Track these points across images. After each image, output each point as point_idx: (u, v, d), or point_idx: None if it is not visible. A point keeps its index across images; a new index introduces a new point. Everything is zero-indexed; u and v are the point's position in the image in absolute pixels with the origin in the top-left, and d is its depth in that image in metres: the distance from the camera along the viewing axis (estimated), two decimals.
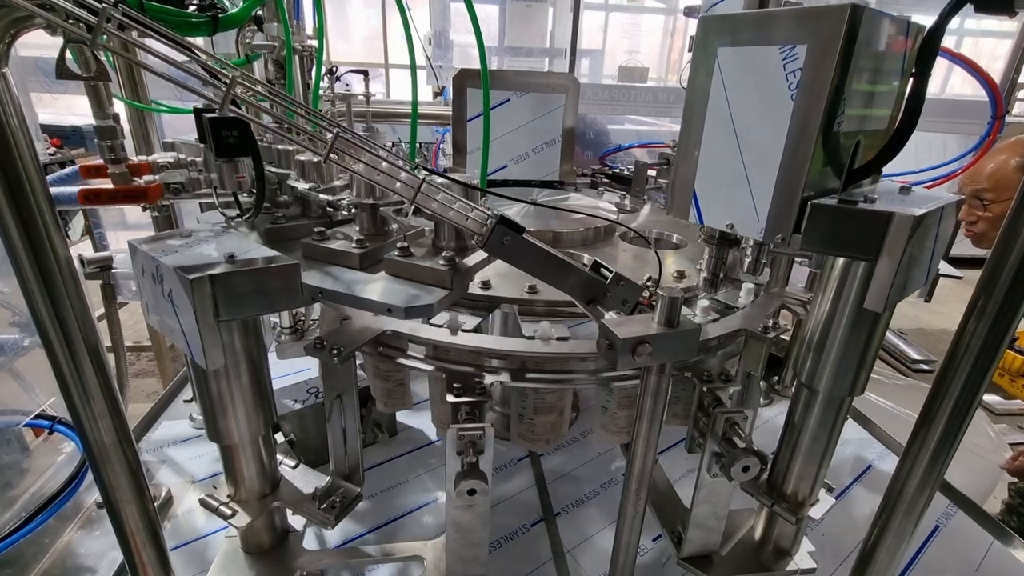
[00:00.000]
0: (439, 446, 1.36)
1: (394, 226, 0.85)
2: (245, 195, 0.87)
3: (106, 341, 0.91)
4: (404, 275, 0.74)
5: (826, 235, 0.64)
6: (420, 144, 2.23)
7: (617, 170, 1.89)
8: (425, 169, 0.65)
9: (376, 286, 0.71)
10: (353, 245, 0.76)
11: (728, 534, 0.94)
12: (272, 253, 0.66)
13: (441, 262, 0.71)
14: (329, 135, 0.59)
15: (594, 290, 0.75)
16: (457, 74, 1.51)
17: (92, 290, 1.13)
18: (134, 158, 0.94)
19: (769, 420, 1.52)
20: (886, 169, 0.74)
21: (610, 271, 0.76)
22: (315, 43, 1.00)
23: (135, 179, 0.93)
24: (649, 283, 0.81)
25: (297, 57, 1.12)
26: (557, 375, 0.84)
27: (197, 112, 0.79)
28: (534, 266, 0.71)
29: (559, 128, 1.61)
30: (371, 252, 0.77)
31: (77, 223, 3.61)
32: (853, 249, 0.64)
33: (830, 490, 0.93)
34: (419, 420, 1.47)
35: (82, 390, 0.64)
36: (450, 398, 0.77)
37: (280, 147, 0.93)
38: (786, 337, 1.83)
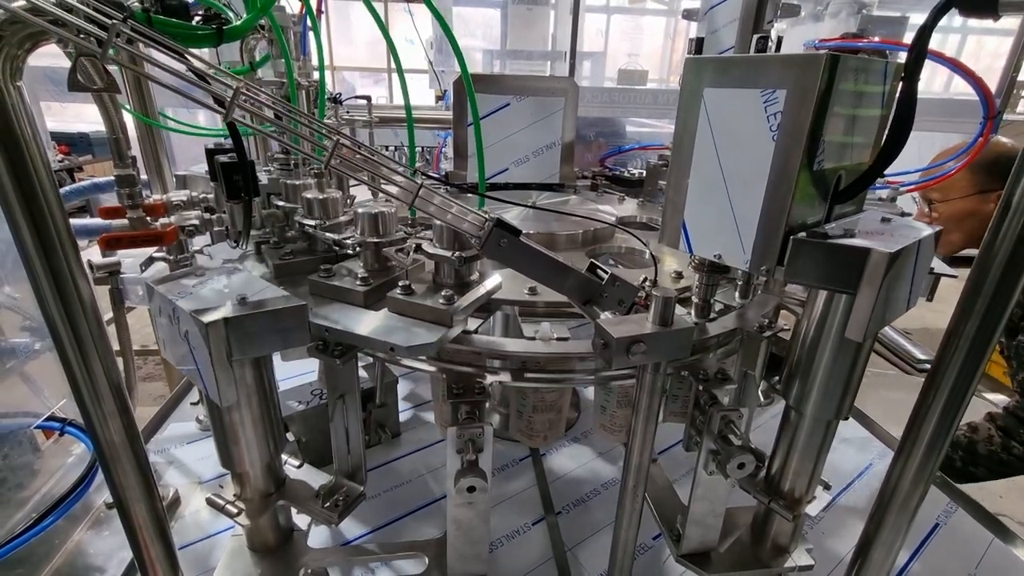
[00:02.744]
0: (442, 447, 1.38)
1: (395, 263, 0.87)
2: (255, 231, 0.91)
3: (114, 345, 0.94)
4: (406, 313, 0.76)
5: (808, 269, 0.66)
6: (423, 148, 2.25)
7: (617, 172, 1.91)
8: (424, 175, 0.67)
9: (380, 324, 0.74)
10: (358, 283, 0.79)
11: (726, 531, 0.95)
12: (281, 294, 0.69)
13: (441, 301, 0.74)
14: (330, 143, 0.61)
15: (590, 291, 0.76)
16: (457, 79, 1.53)
17: (100, 294, 1.16)
18: (149, 197, 0.97)
19: (770, 419, 1.52)
20: None
21: (606, 272, 0.77)
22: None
23: (150, 220, 0.96)
24: (645, 283, 0.82)
25: (303, 92, 1.15)
26: (556, 375, 0.85)
27: (209, 153, 0.83)
28: (531, 268, 0.73)
29: (559, 131, 1.63)
30: (375, 290, 0.80)
31: None
32: (833, 282, 0.66)
33: (827, 487, 0.94)
34: (422, 421, 1.49)
35: (93, 392, 0.66)
36: (450, 399, 0.79)
37: (289, 181, 0.95)
38: (785, 337, 1.84)
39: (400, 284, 0.76)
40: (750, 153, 0.68)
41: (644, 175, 1.75)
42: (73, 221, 0.65)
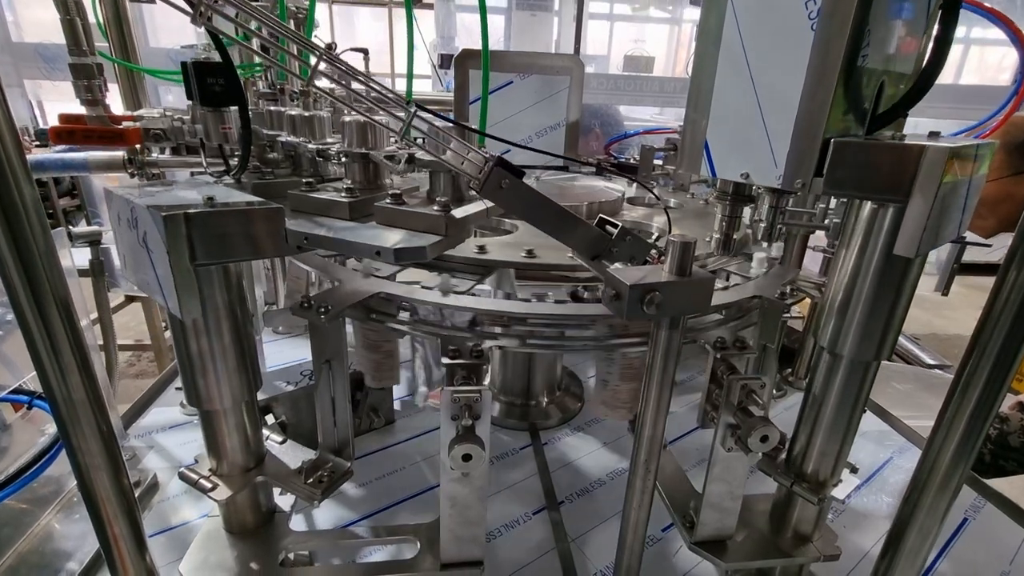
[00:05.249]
0: (438, 434, 1.31)
1: (387, 181, 0.81)
2: (231, 148, 0.83)
3: (98, 330, 0.86)
4: (397, 223, 0.69)
5: (851, 176, 0.59)
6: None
7: (623, 159, 1.86)
8: (419, 106, 0.61)
9: (366, 233, 0.67)
10: (343, 195, 0.72)
11: (744, 520, 0.88)
12: (255, 198, 0.62)
13: (435, 208, 0.67)
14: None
15: (599, 245, 0.70)
16: (459, 54, 1.48)
17: (85, 286, 1.10)
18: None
19: (781, 414, 1.45)
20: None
21: (616, 226, 0.71)
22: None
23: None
24: (659, 241, 0.76)
25: (292, 20, 1.09)
26: (558, 340, 0.78)
27: (184, 66, 0.76)
28: (534, 215, 0.66)
29: (563, 111, 1.58)
30: (362, 202, 0.72)
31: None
32: (881, 189, 0.60)
33: (854, 470, 0.86)
34: (417, 408, 1.42)
35: (48, 342, 0.59)
36: (445, 360, 0.72)
37: (272, 109, 0.90)
38: (797, 329, 1.78)
39: (390, 193, 0.70)
40: (785, 50, 0.61)
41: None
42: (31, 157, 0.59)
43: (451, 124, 0.65)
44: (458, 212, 0.67)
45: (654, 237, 0.78)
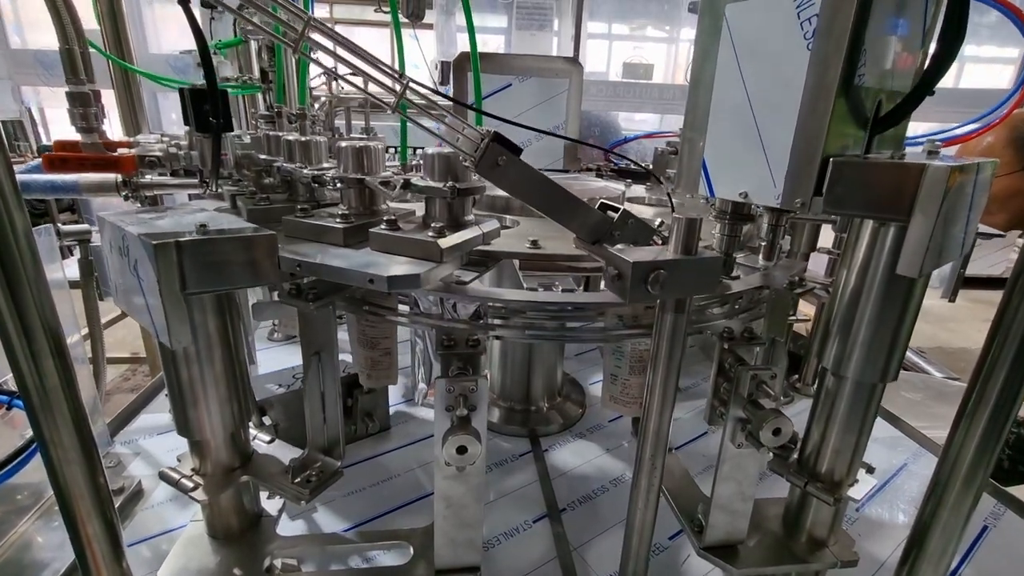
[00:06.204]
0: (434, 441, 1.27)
1: (383, 206, 0.80)
2: (228, 172, 0.83)
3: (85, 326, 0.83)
4: (391, 250, 0.67)
5: (851, 194, 0.58)
6: (416, 150, 2.19)
7: (623, 165, 1.84)
8: (411, 79, 0.59)
9: (359, 260, 0.65)
10: (337, 220, 0.71)
11: (755, 523, 0.83)
12: (247, 225, 0.61)
13: (430, 234, 0.65)
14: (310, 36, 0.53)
15: (601, 228, 0.67)
16: (458, 56, 1.48)
17: (75, 296, 1.06)
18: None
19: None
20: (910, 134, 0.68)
21: (618, 210, 0.69)
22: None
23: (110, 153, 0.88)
24: (662, 227, 0.73)
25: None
26: (563, 331, 0.75)
27: (182, 93, 0.76)
28: (533, 195, 0.64)
29: (563, 114, 1.57)
30: (356, 228, 0.71)
31: None
32: (882, 208, 0.58)
33: (870, 470, 0.82)
34: (412, 415, 1.38)
35: (19, 325, 0.56)
36: (440, 351, 0.69)
37: (271, 133, 0.88)
38: (804, 335, 1.74)
39: (385, 219, 0.67)
40: (781, 71, 0.60)
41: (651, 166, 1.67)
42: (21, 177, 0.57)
43: (446, 99, 0.63)
44: (453, 238, 0.65)
45: (657, 224, 0.75)
